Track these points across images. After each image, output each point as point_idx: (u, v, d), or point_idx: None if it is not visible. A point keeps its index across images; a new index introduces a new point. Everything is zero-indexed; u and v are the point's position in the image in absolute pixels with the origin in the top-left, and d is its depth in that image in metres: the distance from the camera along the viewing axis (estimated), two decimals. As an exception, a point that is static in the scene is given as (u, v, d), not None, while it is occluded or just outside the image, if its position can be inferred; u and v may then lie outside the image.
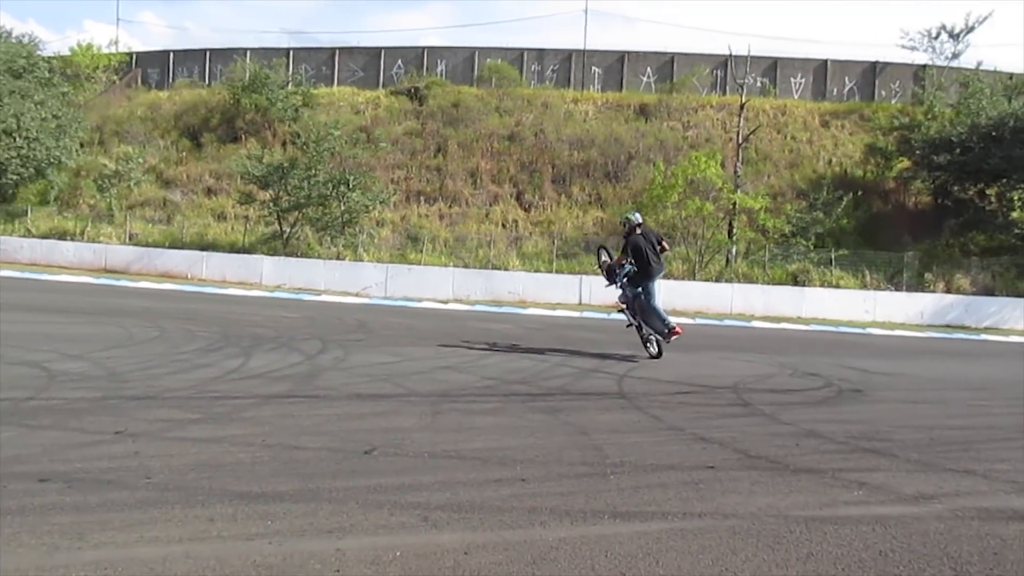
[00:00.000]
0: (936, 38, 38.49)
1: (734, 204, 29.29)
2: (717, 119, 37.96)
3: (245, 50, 43.49)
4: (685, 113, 38.46)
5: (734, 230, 29.70)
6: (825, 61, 40.77)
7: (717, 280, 28.86)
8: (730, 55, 36.15)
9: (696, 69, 40.36)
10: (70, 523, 3.87)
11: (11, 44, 36.23)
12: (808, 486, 5.21)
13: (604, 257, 13.14)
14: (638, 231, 12.36)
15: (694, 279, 28.81)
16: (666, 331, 11.87)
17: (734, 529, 4.26)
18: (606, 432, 6.59)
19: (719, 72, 40.34)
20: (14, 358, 8.98)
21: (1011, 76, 35.81)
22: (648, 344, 12.30)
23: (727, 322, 24.03)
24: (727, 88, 39.25)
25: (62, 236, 32.72)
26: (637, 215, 12.90)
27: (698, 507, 4.63)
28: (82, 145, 36.74)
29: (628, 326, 12.69)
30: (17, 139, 32.29)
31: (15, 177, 33.64)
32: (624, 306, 12.57)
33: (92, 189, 35.32)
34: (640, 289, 12.16)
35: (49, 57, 39.28)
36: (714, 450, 6.09)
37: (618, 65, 42.05)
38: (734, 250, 30.01)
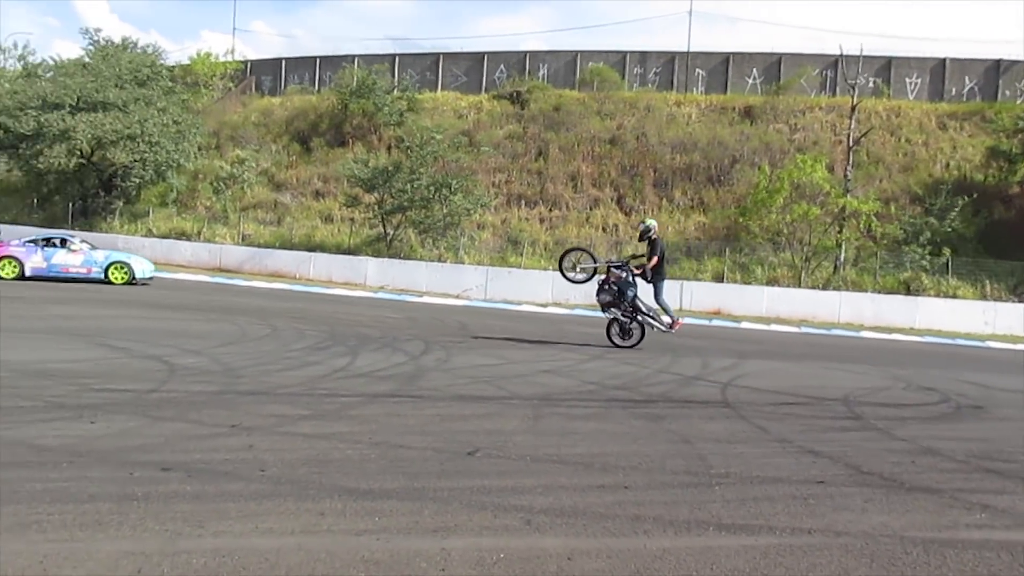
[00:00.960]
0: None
1: (843, 209, 28.33)
2: (826, 121, 36.77)
3: (353, 57, 44.65)
4: (792, 115, 37.40)
5: (842, 236, 28.72)
6: (943, 60, 38.95)
7: (824, 288, 27.95)
8: (841, 55, 34.98)
9: (804, 70, 39.19)
10: (191, 511, 4.05)
11: (137, 54, 38.26)
12: (926, 506, 4.98)
13: (602, 260, 14.66)
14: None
15: (799, 286, 28.01)
16: (672, 322, 13.71)
17: (846, 548, 4.11)
18: (710, 441, 6.47)
19: (829, 73, 39.06)
20: (139, 352, 9.47)
21: None
22: (630, 334, 13.56)
23: (834, 331, 23.26)
24: (837, 89, 37.95)
25: (180, 236, 34.35)
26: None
27: (808, 523, 4.49)
28: (200, 149, 38.44)
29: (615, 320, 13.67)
30: (141, 144, 34.05)
31: (138, 180, 35.51)
32: (612, 304, 13.56)
33: (208, 191, 36.96)
34: (653, 286, 13.87)
35: (170, 66, 41.30)
36: (824, 464, 5.90)
37: (722, 67, 41.26)
38: (842, 257, 29.02)
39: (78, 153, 33.68)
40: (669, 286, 27.39)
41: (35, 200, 38.38)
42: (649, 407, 8.02)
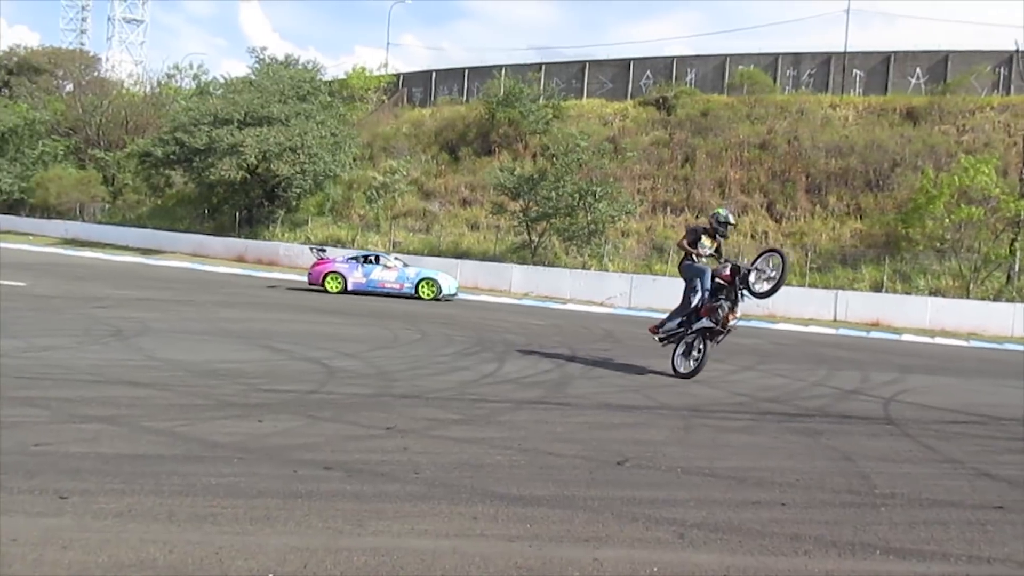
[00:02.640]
0: None
1: (1018, 214, 26.34)
2: (999, 122, 34.27)
3: (500, 67, 45.40)
4: (960, 116, 35.09)
5: (1017, 244, 26.69)
6: None
7: (995, 299, 26.05)
8: (1016, 51, 32.56)
9: (975, 68, 36.68)
10: (351, 510, 4.20)
11: (297, 71, 40.32)
12: (1123, 538, 4.54)
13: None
14: None
15: (967, 297, 26.22)
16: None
17: (1031, 580, 3.81)
18: (873, 460, 6.14)
19: (1003, 70, 36.42)
20: (299, 354, 9.96)
21: None
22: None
23: (1007, 346, 21.62)
24: (1012, 87, 35.36)
25: (336, 244, 35.88)
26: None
27: (986, 551, 4.17)
28: (354, 160, 40.06)
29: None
30: (301, 155, 35.85)
31: (298, 190, 37.39)
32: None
33: (362, 200, 38.46)
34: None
35: (328, 81, 43.30)
36: (1002, 488, 5.48)
37: (882, 67, 39.26)
38: (1016, 266, 26.95)
39: (245, 166, 35.81)
40: (824, 295, 26.54)
41: (206, 210, 41.10)
42: (804, 421, 7.70)
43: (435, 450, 5.61)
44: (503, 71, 44.23)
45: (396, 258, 24.99)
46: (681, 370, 10.34)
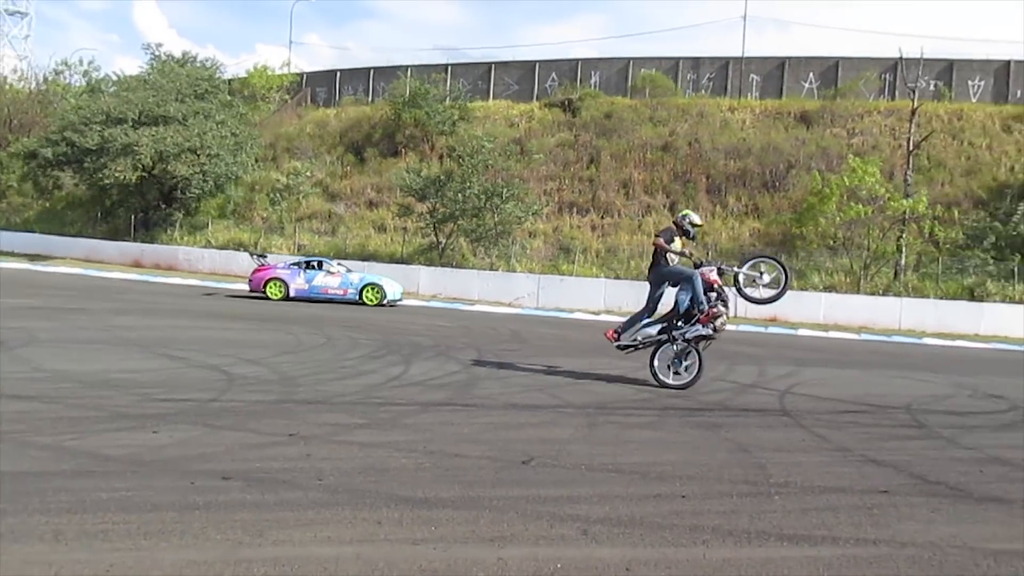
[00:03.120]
0: None
1: (904, 213, 27.70)
2: (885, 125, 36.00)
3: (406, 67, 45.11)
4: (850, 120, 36.72)
5: (902, 241, 28.07)
6: (1008, 62, 37.90)
7: (884, 294, 27.33)
8: (900, 58, 34.19)
9: (863, 74, 38.43)
10: (251, 520, 4.10)
11: (195, 68, 39.13)
12: (996, 516, 4.83)
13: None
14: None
15: (858, 292, 27.43)
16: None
17: (913, 559, 4.00)
18: (769, 450, 6.36)
19: (888, 76, 38.25)
20: (198, 362, 9.66)
21: None
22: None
23: (895, 338, 22.71)
24: (896, 93, 37.16)
25: (238, 247, 34.98)
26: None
27: (872, 533, 4.37)
28: (256, 161, 39.16)
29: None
30: (200, 156, 34.80)
31: (198, 191, 36.25)
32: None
33: (265, 202, 37.64)
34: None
35: (228, 79, 42.17)
36: (887, 473, 5.75)
37: (777, 72, 40.72)
38: (903, 262, 28.35)
39: (140, 167, 34.54)
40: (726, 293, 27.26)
41: (99, 213, 39.45)
42: (705, 415, 7.91)
43: (339, 456, 5.53)
44: (409, 71, 43.96)
45: (340, 263, 24.63)
46: (673, 382, 9.63)
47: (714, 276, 9.90)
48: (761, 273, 10.09)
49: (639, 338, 10.09)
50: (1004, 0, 74.39)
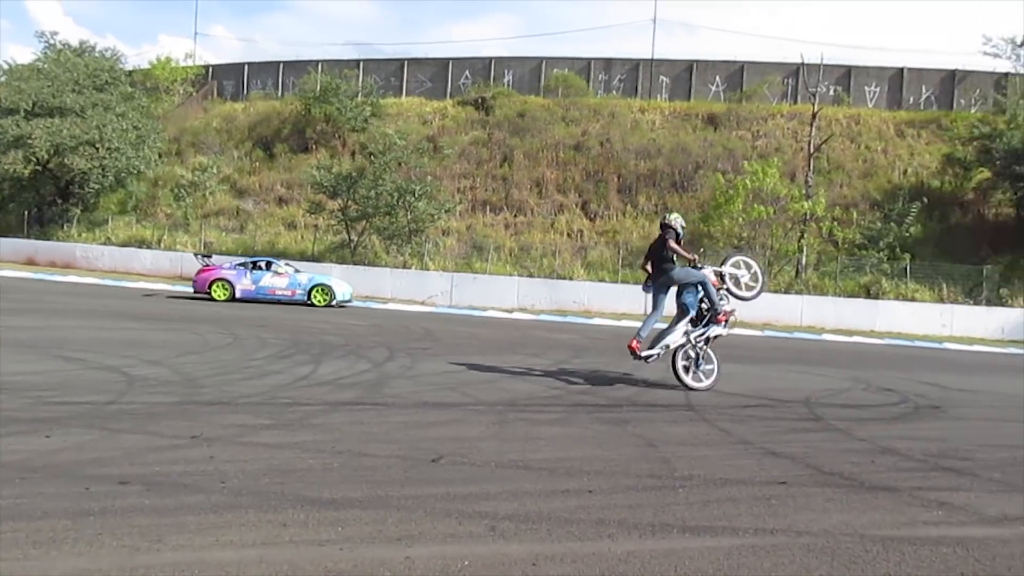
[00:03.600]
0: (1022, 46, 36.99)
1: (806, 214, 28.74)
2: (788, 128, 37.29)
3: (317, 62, 44.41)
4: (755, 122, 37.89)
5: (804, 241, 29.12)
6: (901, 69, 39.76)
7: (786, 292, 28.30)
8: (802, 63, 35.48)
9: (767, 78, 39.71)
10: (149, 525, 3.97)
11: (95, 58, 37.64)
12: (885, 504, 5.06)
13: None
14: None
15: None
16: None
17: (808, 547, 4.16)
18: (674, 444, 6.51)
19: (790, 81, 39.64)
20: (96, 363, 9.30)
21: (1099, 83, 34.42)
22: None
23: (796, 335, 23.55)
24: (799, 97, 38.54)
25: (140, 244, 33.84)
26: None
27: (770, 523, 4.53)
28: (160, 156, 37.93)
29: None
30: (99, 150, 33.49)
31: (96, 186, 34.91)
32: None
33: (169, 198, 36.47)
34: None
35: (130, 71, 40.69)
36: (786, 465, 5.96)
37: (686, 74, 41.69)
38: (803, 261, 29.43)
39: (35, 160, 33.03)
40: (635, 292, 27.76)
41: (-11, 208, 37.63)
42: (614, 411, 8.04)
43: (243, 457, 5.40)
44: (320, 66, 43.33)
45: (287, 264, 24.09)
46: (700, 386, 9.69)
47: (714, 277, 10.16)
48: (742, 271, 10.49)
49: (664, 347, 9.94)
50: (901, 8, 77.93)
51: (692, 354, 9.93)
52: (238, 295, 22.18)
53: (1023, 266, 29.27)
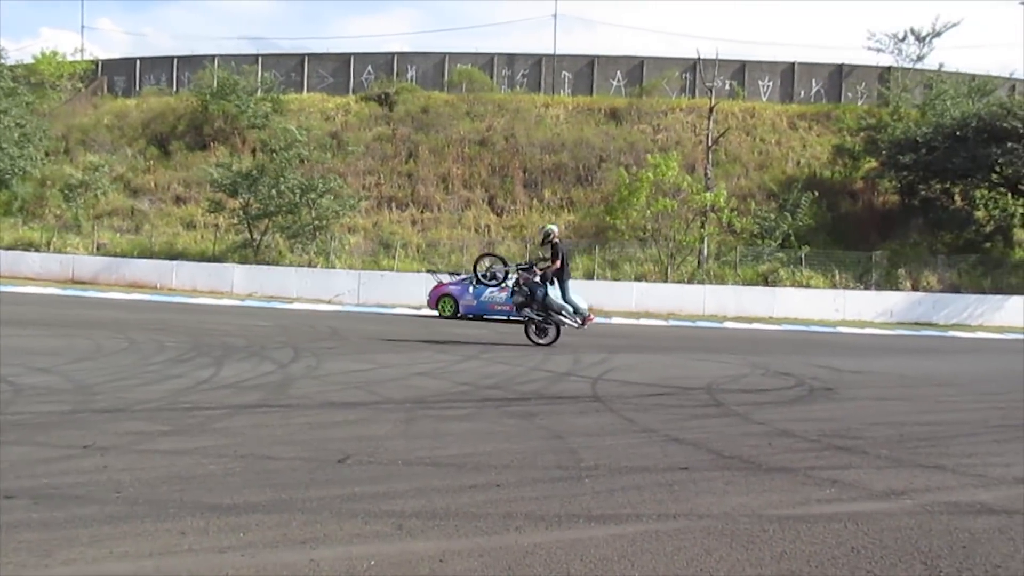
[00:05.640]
0: (903, 40, 38.90)
1: (707, 206, 29.54)
2: (687, 122, 38.21)
3: (213, 57, 43.14)
4: (655, 116, 38.68)
5: (704, 232, 29.94)
6: (792, 64, 41.22)
7: (689, 282, 29.05)
8: (699, 59, 36.43)
9: (666, 73, 40.60)
10: (37, 540, 3.79)
11: (-28, 53, 35.67)
12: (781, 485, 5.25)
13: (512, 264, 15.28)
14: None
15: (666, 281, 28.99)
16: (583, 319, 14.42)
17: (708, 529, 4.28)
18: (581, 435, 6.59)
19: (688, 75, 40.60)
20: (-21, 372, 8.82)
21: (974, 78, 36.45)
22: (545, 332, 14.30)
23: (700, 323, 24.19)
24: (696, 91, 39.52)
25: (28, 247, 32.27)
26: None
27: (672, 508, 4.64)
28: (47, 154, 36.24)
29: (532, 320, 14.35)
30: (-21, 149, 31.78)
31: (-22, 188, 33.11)
32: (524, 305, 14.25)
33: (58, 199, 34.85)
34: (558, 286, 14.30)
35: (12, 65, 38.68)
36: (688, 451, 6.12)
37: (588, 69, 42.21)
38: (705, 252, 30.24)
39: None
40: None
41: None
42: (521, 405, 8.10)
43: (140, 466, 5.21)
44: (216, 61, 42.10)
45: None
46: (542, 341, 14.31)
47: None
48: (490, 267, 14.40)
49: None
50: (790, 4, 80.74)
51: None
52: (461, 311, 21.42)
53: (909, 251, 30.85)
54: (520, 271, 14.49)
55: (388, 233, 32.49)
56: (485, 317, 21.61)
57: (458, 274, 23.80)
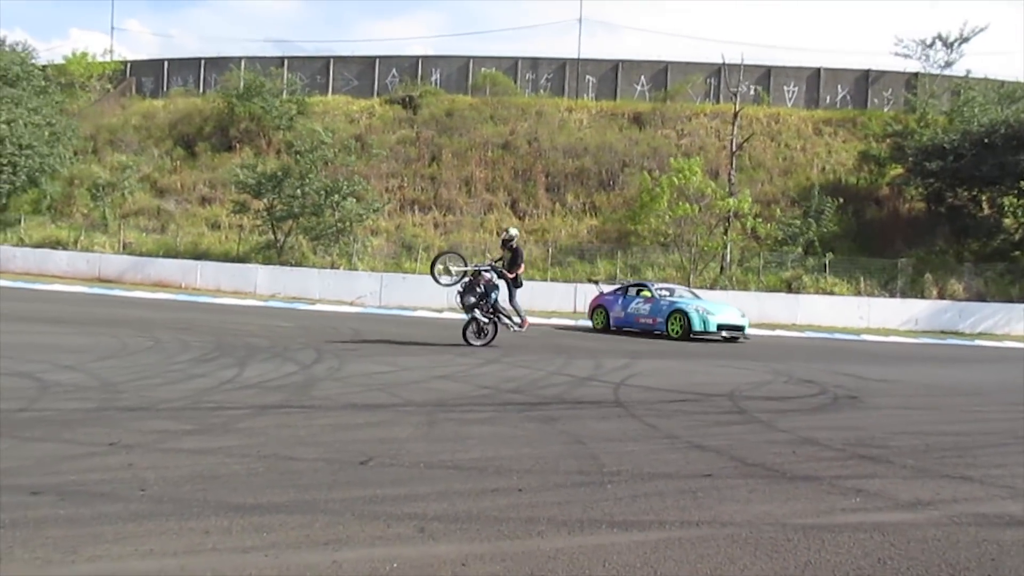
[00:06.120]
0: (931, 46, 38.54)
1: (729, 211, 29.40)
2: (711, 127, 38.04)
3: (240, 59, 43.51)
4: (679, 121, 38.54)
5: (728, 237, 29.78)
6: (818, 69, 40.94)
7: (711, 287, 28.87)
8: (723, 63, 36.27)
9: (690, 78, 40.46)
10: (63, 536, 3.82)
11: (5, 52, 36.16)
12: (805, 493, 5.19)
13: (471, 264, 15.01)
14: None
15: (688, 286, 28.83)
16: (521, 322, 14.65)
17: (732, 537, 4.24)
18: (602, 441, 6.57)
19: (713, 80, 40.45)
20: (7, 369, 8.92)
21: (1002, 84, 36.04)
22: (485, 334, 14.35)
23: (722, 329, 23.99)
24: (721, 96, 39.35)
25: (55, 245, 32.67)
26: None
27: (696, 515, 4.60)
28: (76, 154, 36.68)
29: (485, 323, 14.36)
30: (9, 146, 32.16)
31: (8, 186, 33.51)
32: (475, 306, 14.21)
33: (86, 198, 35.26)
34: (510, 288, 14.63)
35: (44, 65, 39.20)
36: (711, 458, 6.07)
37: (612, 74, 42.15)
38: (728, 257, 30.07)
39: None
40: (565, 289, 28.04)
41: None
42: (543, 409, 8.08)
43: (164, 464, 5.25)
44: (242, 63, 42.43)
45: (663, 287, 21.42)
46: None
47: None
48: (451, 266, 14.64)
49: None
50: (817, 10, 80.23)
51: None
52: (612, 323, 20.47)
53: (935, 258, 30.51)
54: (482, 272, 14.45)
55: (410, 236, 32.60)
56: (624, 329, 20.45)
57: (616, 284, 23.01)
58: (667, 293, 20.62)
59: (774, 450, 6.42)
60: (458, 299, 14.30)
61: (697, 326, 18.71)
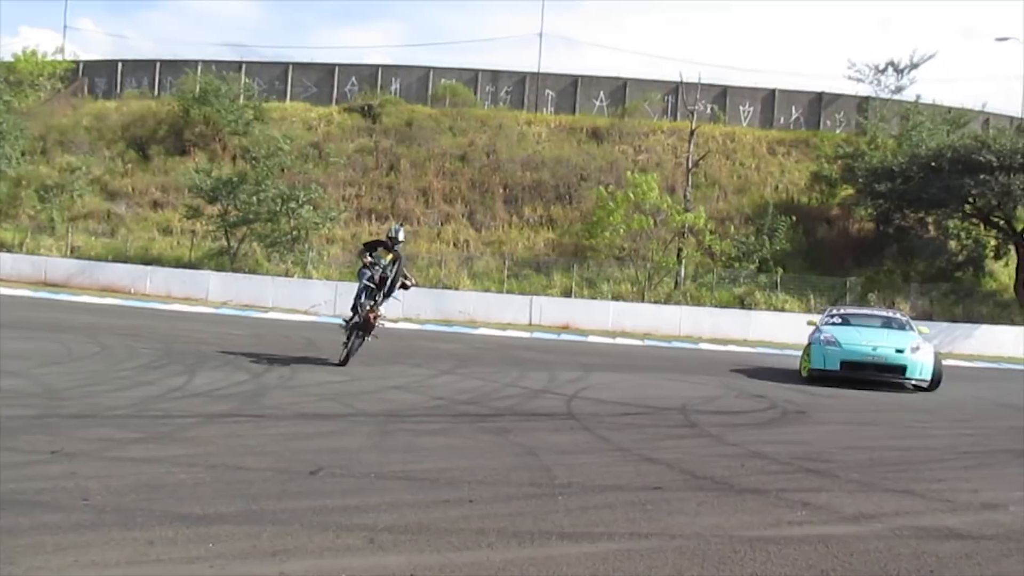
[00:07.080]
0: (883, 72, 39.46)
1: (684, 227, 29.73)
2: (668, 144, 38.45)
3: (196, 62, 42.86)
4: (637, 137, 38.90)
5: (683, 253, 30.11)
6: (773, 91, 41.62)
7: (666, 302, 29.14)
8: (681, 82, 36.73)
9: (648, 95, 40.85)
10: (1, 547, 3.72)
11: (-51, 49, 35.27)
12: (753, 506, 5.27)
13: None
14: None
15: (643, 301, 29.08)
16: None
17: (680, 549, 4.29)
18: (555, 453, 6.59)
19: (670, 98, 40.87)
20: (-55, 374, 8.68)
21: (949, 110, 37.01)
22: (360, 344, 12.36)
23: (675, 344, 24.26)
24: (678, 114, 39.80)
25: (0, 248, 31.81)
26: None
27: (645, 528, 4.65)
28: (24, 154, 35.77)
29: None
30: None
31: (-51, 186, 32.58)
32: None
33: (33, 200, 34.39)
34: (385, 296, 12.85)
35: (-10, 64, 38.28)
36: (661, 471, 6.13)
37: (571, 88, 42.39)
38: (683, 273, 30.39)
39: None
40: (521, 301, 28.09)
41: None
42: (496, 421, 8.09)
43: (109, 473, 5.15)
44: (198, 67, 41.79)
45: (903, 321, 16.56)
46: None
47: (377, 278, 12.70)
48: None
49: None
50: (770, 33, 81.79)
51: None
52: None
53: (882, 277, 31.19)
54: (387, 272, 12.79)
55: (366, 245, 32.36)
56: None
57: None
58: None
59: (723, 463, 6.51)
60: (362, 296, 12.57)
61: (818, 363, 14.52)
